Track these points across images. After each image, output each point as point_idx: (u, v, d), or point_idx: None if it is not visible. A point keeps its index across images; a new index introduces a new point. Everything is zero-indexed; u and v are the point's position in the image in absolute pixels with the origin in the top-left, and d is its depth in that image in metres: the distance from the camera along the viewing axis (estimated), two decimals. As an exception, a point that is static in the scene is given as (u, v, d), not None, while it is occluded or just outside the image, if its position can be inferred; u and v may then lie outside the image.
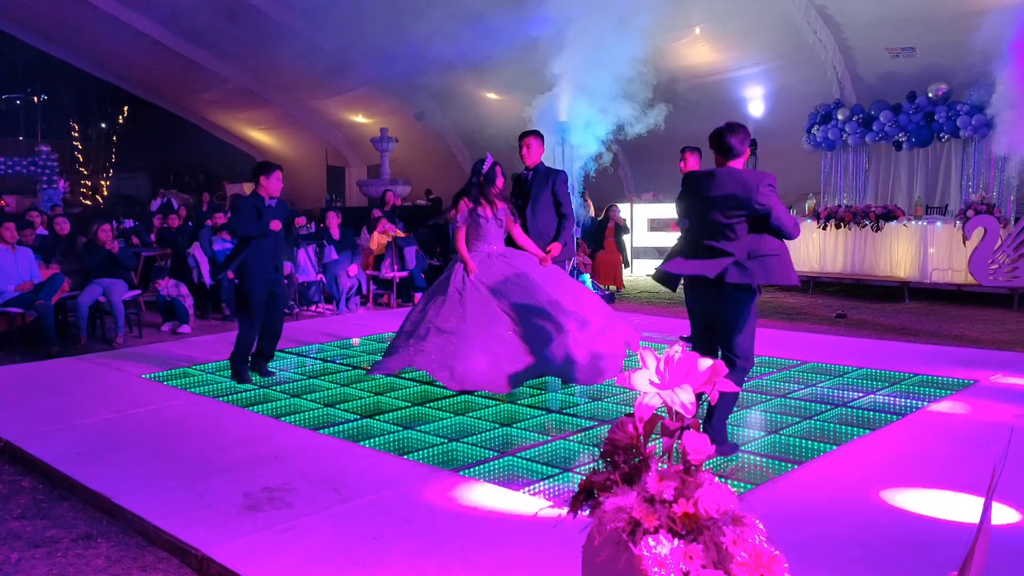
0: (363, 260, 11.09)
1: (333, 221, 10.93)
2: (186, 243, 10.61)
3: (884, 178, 13.85)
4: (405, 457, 4.49)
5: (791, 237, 4.28)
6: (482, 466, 4.36)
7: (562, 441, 4.80)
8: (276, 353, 6.76)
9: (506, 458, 4.48)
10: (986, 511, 1.85)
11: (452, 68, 16.05)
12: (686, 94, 14.21)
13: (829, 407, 5.37)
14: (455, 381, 5.41)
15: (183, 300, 9.08)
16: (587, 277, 11.20)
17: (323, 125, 23.25)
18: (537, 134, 6.51)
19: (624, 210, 14.22)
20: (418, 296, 11.07)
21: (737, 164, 4.34)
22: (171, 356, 7.26)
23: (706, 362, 2.11)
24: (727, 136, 4.31)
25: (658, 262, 13.48)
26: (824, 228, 12.13)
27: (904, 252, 11.31)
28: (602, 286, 11.98)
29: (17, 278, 7.86)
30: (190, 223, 12.91)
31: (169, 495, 3.94)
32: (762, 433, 4.84)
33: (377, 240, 11.20)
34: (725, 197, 4.24)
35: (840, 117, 13.65)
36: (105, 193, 28.00)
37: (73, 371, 6.76)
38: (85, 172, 28.27)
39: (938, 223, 11.11)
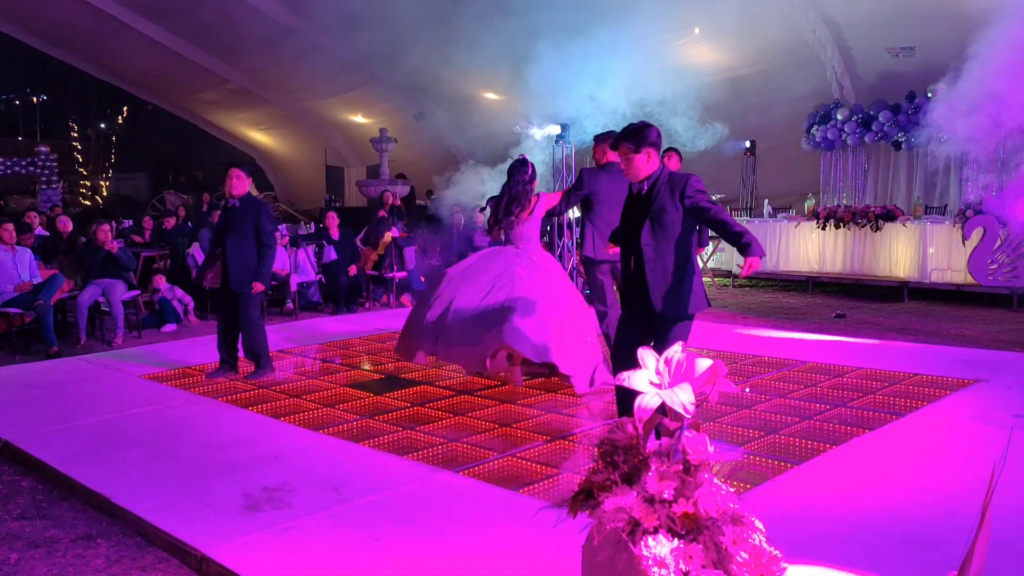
0: (362, 260, 11.08)
1: (332, 221, 10.93)
2: (186, 243, 10.61)
3: (883, 178, 13.86)
4: (405, 457, 4.49)
5: None
6: (482, 466, 4.36)
7: (562, 441, 4.80)
8: (278, 353, 6.74)
9: (506, 458, 4.48)
10: (986, 511, 1.85)
11: (453, 69, 16.05)
12: (685, 94, 14.20)
13: (829, 407, 5.37)
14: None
15: (175, 302, 9.16)
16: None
17: (322, 125, 23.25)
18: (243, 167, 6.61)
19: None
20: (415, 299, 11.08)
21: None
22: (171, 356, 7.26)
23: (705, 362, 2.11)
24: None
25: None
26: (823, 228, 12.12)
27: (903, 252, 11.31)
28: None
29: (16, 278, 7.85)
30: (189, 223, 12.91)
31: (169, 495, 3.94)
32: (762, 433, 4.84)
33: (383, 242, 11.17)
34: None
35: (839, 117, 13.65)
36: (104, 193, 28.02)
37: (73, 371, 6.76)
38: (84, 172, 28.28)
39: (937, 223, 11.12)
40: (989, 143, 10.81)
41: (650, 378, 2.12)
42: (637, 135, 4.08)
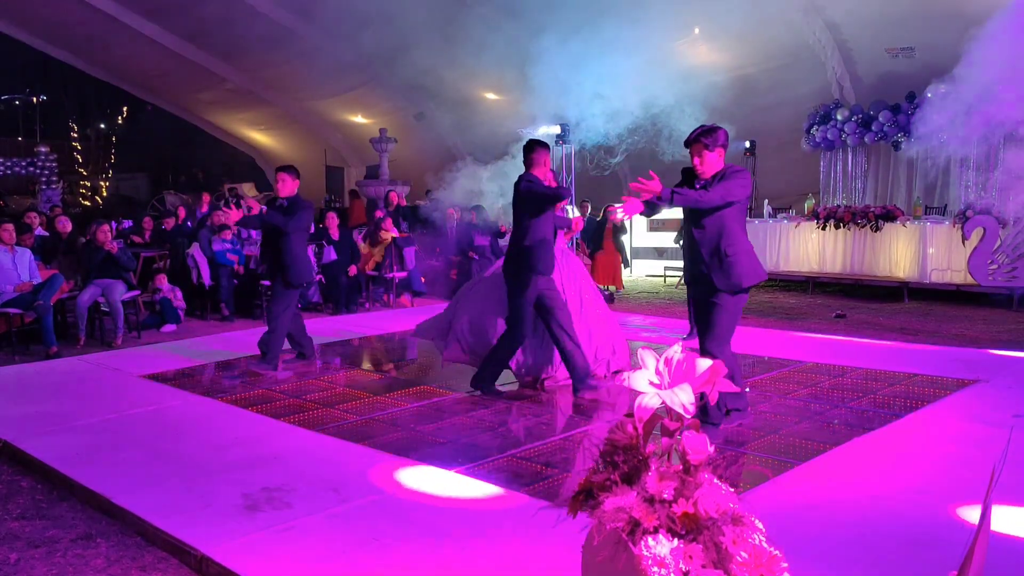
0: (363, 260, 11.06)
1: (332, 221, 10.92)
2: (186, 243, 10.60)
3: (883, 178, 13.86)
4: (405, 457, 4.49)
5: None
6: (482, 466, 4.36)
7: (562, 441, 4.80)
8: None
9: (506, 458, 4.48)
10: (986, 511, 1.85)
11: (456, 70, 16.05)
12: (689, 95, 14.20)
13: (829, 407, 5.37)
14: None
15: (174, 302, 9.18)
16: None
17: (322, 125, 23.24)
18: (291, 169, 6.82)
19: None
20: (414, 299, 11.08)
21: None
22: (171, 356, 7.26)
23: (705, 362, 2.11)
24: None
25: (659, 262, 13.32)
26: (823, 228, 12.12)
27: (903, 252, 11.31)
28: (601, 287, 11.96)
29: (16, 279, 7.85)
30: (189, 223, 12.89)
31: (168, 495, 3.94)
32: (762, 433, 4.84)
33: (383, 242, 11.15)
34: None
35: (839, 117, 13.65)
36: (104, 194, 28.02)
37: (73, 371, 6.76)
38: (84, 172, 28.27)
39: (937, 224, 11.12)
40: (983, 143, 10.83)
41: (650, 378, 2.12)
42: (712, 134, 4.50)
